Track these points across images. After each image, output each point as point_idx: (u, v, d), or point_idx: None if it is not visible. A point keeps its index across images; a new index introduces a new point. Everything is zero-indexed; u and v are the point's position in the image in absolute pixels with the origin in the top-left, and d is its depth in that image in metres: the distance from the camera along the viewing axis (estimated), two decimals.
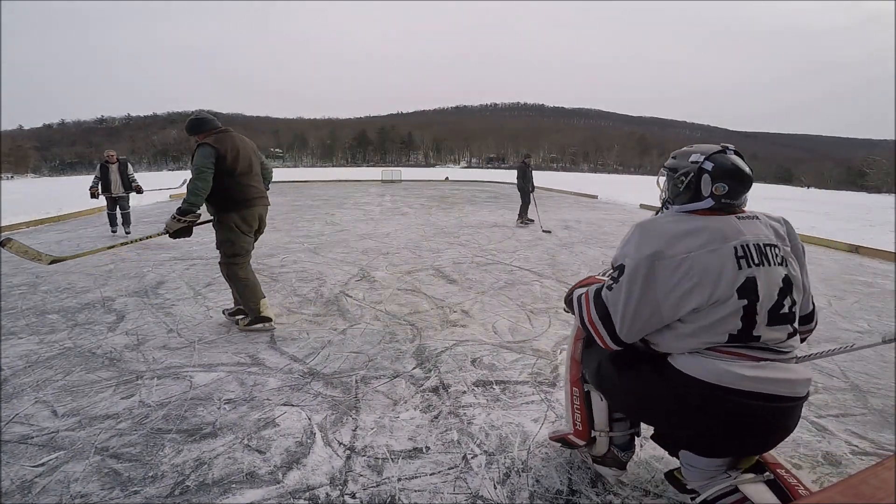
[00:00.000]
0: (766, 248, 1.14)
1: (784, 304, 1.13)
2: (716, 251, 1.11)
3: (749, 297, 1.10)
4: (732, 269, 1.10)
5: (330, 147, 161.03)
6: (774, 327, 1.12)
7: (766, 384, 1.09)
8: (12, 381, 2.27)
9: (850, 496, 0.62)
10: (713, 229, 1.14)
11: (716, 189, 1.18)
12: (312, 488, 1.54)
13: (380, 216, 9.26)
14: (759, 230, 1.17)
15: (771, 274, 1.12)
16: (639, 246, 1.15)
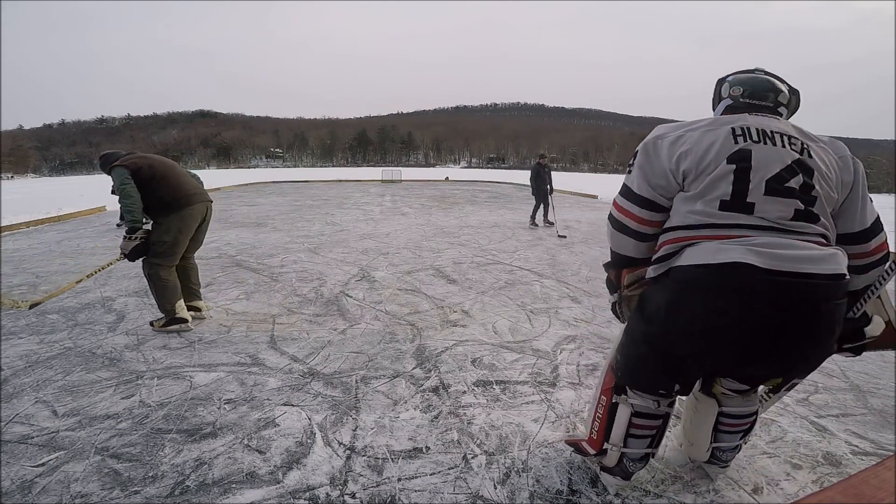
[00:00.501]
0: (774, 134, 1.15)
1: (789, 179, 1.11)
2: (712, 130, 1.19)
3: (739, 163, 1.12)
4: (726, 143, 1.15)
5: (330, 147, 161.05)
6: (774, 198, 1.10)
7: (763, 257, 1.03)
8: (12, 381, 2.27)
9: (850, 496, 0.62)
10: (717, 118, 1.23)
11: (732, 91, 1.32)
12: (312, 488, 1.54)
13: (380, 216, 9.26)
14: (773, 123, 1.18)
15: (772, 151, 1.13)
16: (651, 134, 1.29)
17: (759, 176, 1.11)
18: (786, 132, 1.17)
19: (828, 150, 1.20)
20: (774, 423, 1.98)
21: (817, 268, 1.03)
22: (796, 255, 1.04)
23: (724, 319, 1.08)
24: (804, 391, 2.27)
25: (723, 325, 1.09)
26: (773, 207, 1.10)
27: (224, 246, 5.94)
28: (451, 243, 6.24)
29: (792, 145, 1.15)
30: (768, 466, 1.69)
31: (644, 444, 1.46)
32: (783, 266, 1.02)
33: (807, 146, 1.17)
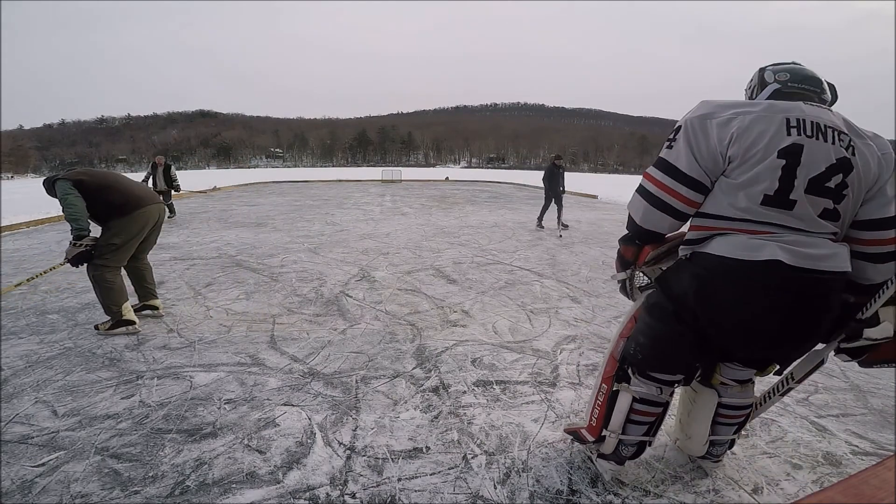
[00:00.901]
0: (827, 129, 1.15)
1: (830, 178, 1.13)
2: (766, 117, 1.16)
3: (790, 158, 1.13)
4: (779, 134, 1.14)
5: (330, 147, 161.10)
6: (812, 196, 1.13)
7: (791, 255, 1.12)
8: (12, 381, 2.27)
9: (850, 496, 0.62)
10: (770, 104, 1.19)
11: (778, 76, 1.30)
12: (312, 488, 1.54)
13: (380, 216, 9.26)
14: (825, 115, 1.17)
15: (822, 148, 1.13)
16: (695, 110, 1.25)
17: (805, 173, 1.13)
18: (837, 126, 1.17)
19: (872, 147, 1.19)
20: (774, 423, 1.98)
21: (830, 264, 1.13)
22: (817, 254, 1.13)
23: (754, 310, 1.17)
24: (804, 391, 2.27)
25: (752, 315, 1.18)
26: (809, 206, 1.14)
27: (224, 246, 5.94)
28: (451, 243, 6.24)
29: (840, 141, 1.15)
30: (768, 466, 1.69)
31: (642, 430, 1.50)
32: (807, 263, 1.12)
33: (853, 143, 1.16)
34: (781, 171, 1.13)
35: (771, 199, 1.15)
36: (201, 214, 9.51)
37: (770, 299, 1.15)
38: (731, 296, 1.19)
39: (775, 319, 1.16)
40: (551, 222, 8.08)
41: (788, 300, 1.14)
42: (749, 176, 1.16)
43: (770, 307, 1.15)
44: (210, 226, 7.82)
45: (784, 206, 1.14)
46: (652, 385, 1.44)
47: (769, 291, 1.14)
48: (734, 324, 1.21)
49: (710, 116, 1.21)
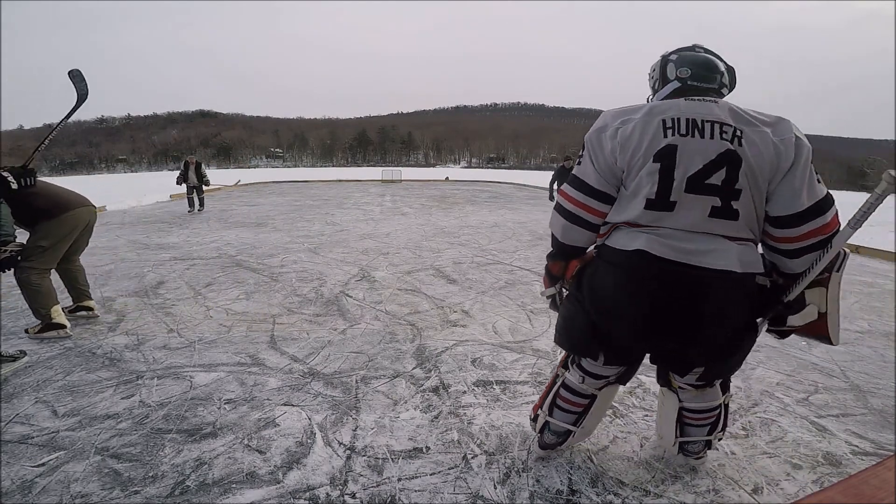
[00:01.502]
0: (705, 124, 1.15)
1: (710, 175, 1.13)
2: (645, 122, 1.19)
3: (664, 161, 1.15)
4: (656, 137, 1.16)
5: (330, 147, 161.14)
6: (693, 196, 1.15)
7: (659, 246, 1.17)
8: (12, 381, 2.27)
9: (850, 496, 0.62)
10: (653, 106, 1.21)
11: (680, 72, 1.29)
12: (312, 488, 1.54)
13: (380, 216, 9.26)
14: (705, 109, 1.18)
15: (698, 144, 1.14)
16: (595, 124, 1.30)
17: (682, 173, 1.14)
18: (718, 119, 1.16)
19: (766, 133, 1.15)
20: (774, 423, 1.98)
21: (705, 260, 1.14)
22: (692, 249, 1.15)
23: (623, 295, 1.25)
24: (804, 391, 2.27)
25: (622, 299, 1.26)
26: (692, 206, 1.16)
27: (224, 246, 5.94)
28: (451, 243, 6.24)
29: (723, 134, 1.14)
30: (768, 466, 1.69)
31: (568, 419, 1.59)
32: (677, 256, 1.15)
33: (740, 133, 1.14)
34: (659, 175, 1.15)
35: (653, 202, 1.18)
36: (201, 214, 9.52)
37: (634, 286, 1.22)
38: (606, 282, 1.28)
39: (640, 307, 1.22)
40: None
41: (652, 289, 1.19)
42: (635, 184, 1.21)
43: (634, 294, 1.22)
44: (210, 226, 7.82)
45: (665, 208, 1.17)
46: (577, 372, 1.53)
47: (634, 279, 1.21)
48: (606, 308, 1.30)
49: (604, 129, 1.26)
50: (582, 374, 1.53)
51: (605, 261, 1.30)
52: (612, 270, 1.27)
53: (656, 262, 1.17)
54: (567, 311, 1.47)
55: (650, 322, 1.23)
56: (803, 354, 2.68)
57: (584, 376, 1.52)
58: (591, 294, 1.33)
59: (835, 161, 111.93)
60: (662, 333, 1.25)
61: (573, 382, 1.54)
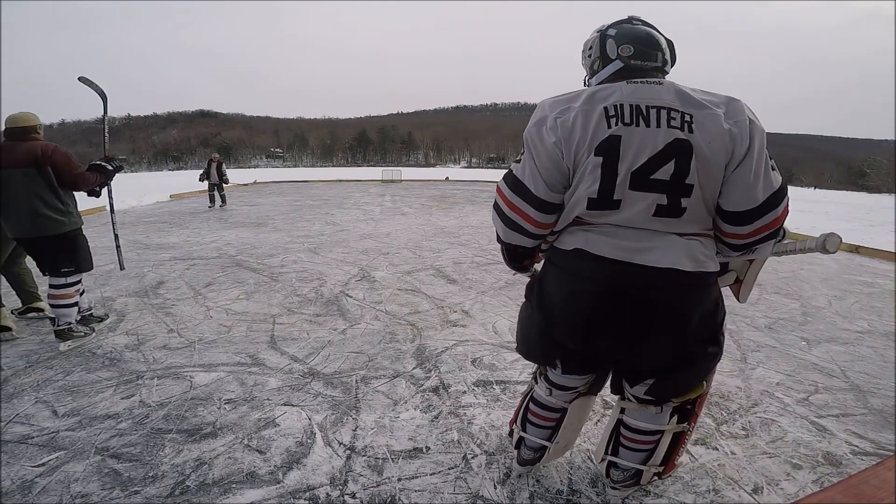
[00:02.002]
0: (650, 111, 1.01)
1: (657, 170, 1.01)
2: (586, 111, 1.04)
3: (607, 155, 1.02)
4: (599, 128, 1.02)
5: (330, 147, 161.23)
6: (638, 193, 1.03)
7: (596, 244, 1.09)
8: (12, 381, 2.27)
9: (850, 496, 0.62)
10: (594, 92, 1.07)
11: (622, 50, 1.12)
12: (312, 488, 1.54)
13: (380, 216, 9.26)
14: (652, 93, 1.04)
15: (644, 134, 1.01)
16: (533, 119, 1.14)
17: (626, 167, 1.02)
18: (665, 104, 1.02)
19: (718, 116, 1.01)
20: (774, 423, 1.98)
21: (648, 258, 1.05)
22: (633, 247, 1.06)
23: (563, 296, 1.19)
24: (804, 391, 2.27)
25: (562, 302, 1.19)
26: (637, 204, 1.04)
27: (224, 246, 5.95)
28: (451, 243, 6.24)
29: (671, 121, 1.00)
30: (768, 466, 1.69)
31: (540, 434, 1.49)
32: (612, 254, 1.07)
33: (689, 118, 1.01)
34: (601, 170, 1.03)
35: (595, 202, 1.06)
36: (201, 214, 9.51)
37: (572, 287, 1.15)
38: (551, 284, 1.22)
39: (580, 309, 1.15)
40: None
41: (591, 288, 1.11)
42: (577, 181, 1.09)
43: (572, 295, 1.15)
44: (210, 226, 7.82)
45: (609, 207, 1.06)
46: (544, 385, 1.44)
47: (573, 280, 1.14)
48: (551, 311, 1.22)
49: (542, 122, 1.10)
50: (549, 387, 1.42)
51: (551, 263, 1.24)
52: (556, 272, 1.21)
53: (594, 260, 1.08)
54: (522, 317, 1.40)
55: (590, 325, 1.15)
56: (803, 354, 2.68)
57: (551, 388, 1.42)
58: (539, 299, 1.26)
59: (835, 161, 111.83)
60: (604, 337, 1.16)
61: (541, 396, 1.45)
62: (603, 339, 1.17)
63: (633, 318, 1.10)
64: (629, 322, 1.11)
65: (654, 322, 1.10)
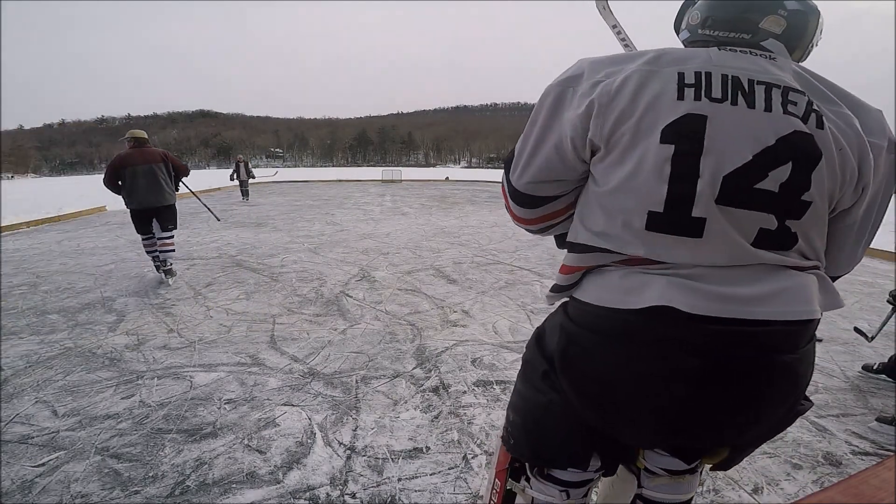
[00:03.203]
0: (753, 85, 0.66)
1: (764, 175, 0.65)
2: (645, 72, 0.68)
3: (683, 141, 0.65)
4: (666, 100, 0.66)
5: (330, 147, 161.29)
6: (731, 210, 0.65)
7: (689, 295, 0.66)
8: (13, 381, 2.28)
9: (850, 496, 0.62)
10: (659, 53, 0.71)
11: (690, 18, 0.79)
12: (313, 488, 1.54)
13: (380, 216, 9.26)
14: (756, 65, 0.69)
15: (745, 117, 0.65)
16: (561, 75, 0.77)
17: (715, 165, 0.65)
18: (779, 81, 0.68)
19: (852, 120, 0.68)
20: None
21: (772, 310, 0.67)
22: (744, 294, 0.67)
23: (637, 385, 0.72)
24: None
25: (634, 392, 0.73)
26: (729, 228, 0.66)
27: (224, 246, 5.95)
28: (451, 243, 6.24)
29: (788, 104, 0.66)
30: (768, 466, 1.69)
31: None
32: (718, 311, 0.66)
33: (817, 109, 0.67)
34: (671, 166, 0.65)
35: (660, 219, 0.67)
36: (201, 214, 9.51)
37: (662, 368, 0.69)
38: (603, 362, 0.74)
39: (673, 397, 0.70)
40: None
41: (693, 368, 0.68)
42: (613, 177, 0.71)
43: (663, 379, 0.69)
44: (210, 226, 7.82)
45: (684, 230, 0.67)
46: (553, 488, 0.94)
47: (647, 355, 0.70)
48: (609, 402, 0.76)
49: (574, 83, 0.74)
50: (563, 489, 0.94)
51: (589, 329, 0.75)
52: (610, 344, 0.73)
53: (692, 324, 0.66)
54: (530, 402, 0.88)
55: (686, 416, 0.72)
56: None
57: (566, 490, 0.94)
58: (574, 379, 0.78)
59: None
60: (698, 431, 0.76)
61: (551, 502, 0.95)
62: (695, 433, 0.77)
63: (745, 396, 0.71)
64: (737, 404, 0.72)
65: (770, 395, 0.72)
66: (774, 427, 0.81)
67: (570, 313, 0.81)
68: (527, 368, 0.91)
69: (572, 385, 0.79)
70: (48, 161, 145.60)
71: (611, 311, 0.72)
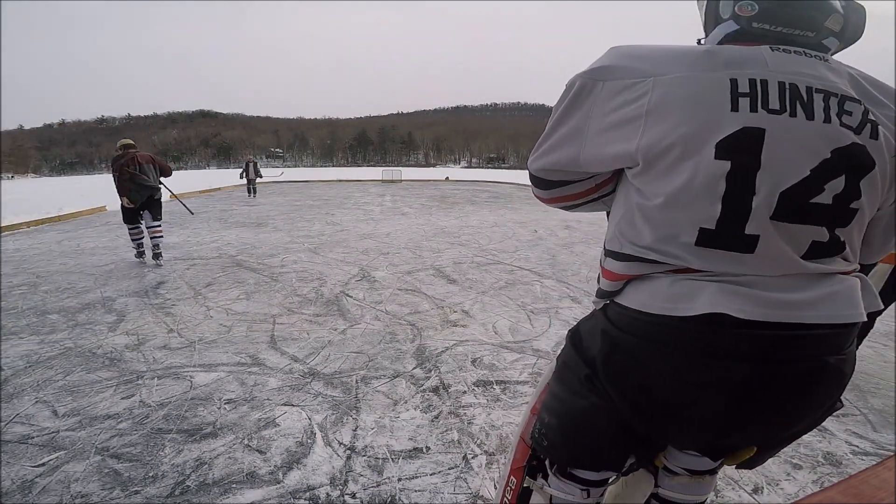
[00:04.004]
0: (812, 94, 0.63)
1: (820, 189, 0.63)
2: (694, 78, 0.64)
3: (739, 158, 0.62)
4: (718, 108, 0.63)
5: (330, 147, 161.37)
6: (786, 225, 0.64)
7: (740, 301, 0.65)
8: (13, 381, 2.28)
9: (850, 496, 0.61)
10: (708, 51, 0.67)
11: (739, 9, 0.70)
12: (313, 488, 1.54)
13: (380, 216, 9.26)
14: (812, 69, 0.66)
15: (803, 130, 0.62)
16: (591, 65, 0.73)
17: (772, 182, 0.63)
18: (836, 89, 0.65)
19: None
20: None
21: (821, 314, 0.67)
22: (793, 300, 0.66)
23: (688, 392, 0.72)
24: None
25: (686, 398, 0.72)
26: (782, 243, 0.65)
27: (224, 246, 5.95)
28: (451, 243, 6.24)
29: (844, 115, 0.64)
30: (768, 466, 1.69)
31: None
32: (770, 315, 0.65)
33: (872, 117, 0.65)
34: (726, 182, 0.63)
35: (712, 235, 0.66)
36: (202, 214, 9.52)
37: (713, 374, 0.69)
38: (652, 369, 0.73)
39: (723, 402, 0.70)
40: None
41: (743, 373, 0.67)
42: (661, 190, 0.68)
43: (714, 385, 0.69)
44: (210, 226, 7.82)
45: (736, 247, 0.66)
46: (574, 486, 0.94)
47: (710, 363, 0.68)
48: (659, 409, 0.76)
49: (607, 74, 0.69)
50: (584, 487, 0.94)
51: (636, 335, 0.74)
52: (659, 351, 0.71)
53: (743, 329, 0.66)
54: (568, 404, 0.86)
55: (731, 422, 0.73)
56: None
57: (587, 489, 0.94)
58: (620, 385, 0.77)
59: None
60: (747, 432, 0.77)
61: (573, 500, 0.95)
62: (744, 434, 0.77)
63: (791, 399, 0.71)
64: (784, 406, 0.72)
65: (815, 397, 0.73)
66: (809, 426, 0.81)
67: (613, 318, 0.79)
68: (564, 371, 0.90)
69: (618, 390, 0.78)
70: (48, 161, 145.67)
71: (660, 318, 0.70)
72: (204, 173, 44.75)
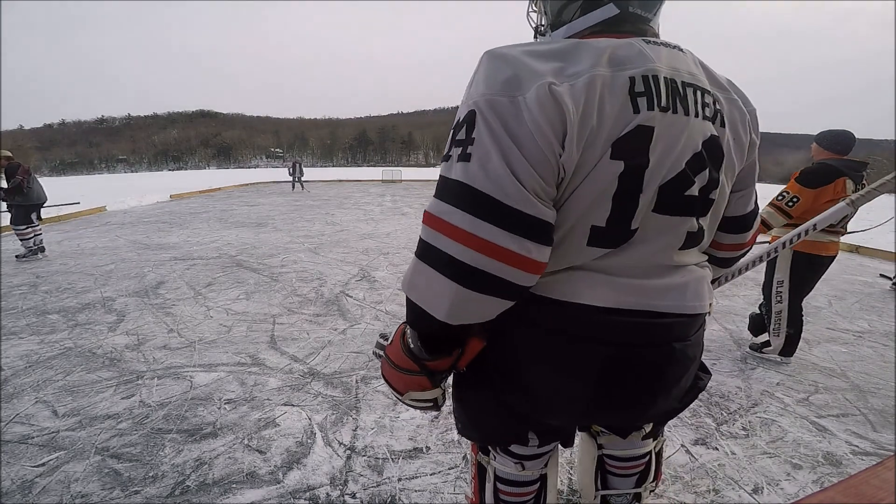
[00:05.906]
0: (686, 90, 0.65)
1: (692, 181, 0.67)
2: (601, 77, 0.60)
3: (631, 158, 0.62)
4: (623, 109, 0.61)
5: (330, 147, 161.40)
6: (667, 217, 0.68)
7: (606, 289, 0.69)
8: (13, 381, 2.28)
9: (850, 496, 0.62)
10: (602, 48, 0.62)
11: None
12: (313, 488, 1.54)
13: (380, 216, 9.26)
14: (680, 62, 0.67)
15: (682, 129, 0.64)
16: (488, 79, 0.62)
17: (655, 178, 0.64)
18: (699, 82, 0.68)
19: (738, 103, 0.74)
20: (774, 423, 1.98)
21: (677, 304, 0.72)
22: (645, 287, 0.70)
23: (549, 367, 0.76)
24: (804, 391, 2.27)
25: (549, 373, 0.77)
26: (660, 235, 0.69)
27: (224, 246, 5.95)
28: None
29: (706, 107, 0.67)
30: (768, 466, 1.69)
31: None
32: (623, 302, 0.69)
33: (719, 106, 0.70)
34: (619, 182, 0.62)
35: (601, 233, 0.66)
36: (202, 214, 9.52)
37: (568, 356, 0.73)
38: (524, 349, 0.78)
39: (579, 383, 0.75)
40: None
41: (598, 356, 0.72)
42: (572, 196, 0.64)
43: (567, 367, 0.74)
44: (210, 226, 7.82)
45: (620, 243, 0.68)
46: (509, 460, 1.03)
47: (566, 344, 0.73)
48: (525, 386, 0.81)
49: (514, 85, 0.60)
50: (518, 460, 1.03)
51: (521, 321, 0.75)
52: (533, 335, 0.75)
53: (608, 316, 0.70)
54: (469, 400, 1.00)
55: (596, 403, 0.78)
56: (803, 354, 2.68)
57: (521, 462, 1.03)
58: (504, 374, 0.83)
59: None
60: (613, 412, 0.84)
61: (510, 473, 1.04)
62: (610, 414, 0.85)
63: (651, 381, 0.77)
64: (646, 388, 0.78)
65: (672, 379, 0.79)
66: (683, 399, 0.89)
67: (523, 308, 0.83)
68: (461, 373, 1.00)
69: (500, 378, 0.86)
70: (48, 161, 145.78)
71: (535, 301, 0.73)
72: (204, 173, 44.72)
